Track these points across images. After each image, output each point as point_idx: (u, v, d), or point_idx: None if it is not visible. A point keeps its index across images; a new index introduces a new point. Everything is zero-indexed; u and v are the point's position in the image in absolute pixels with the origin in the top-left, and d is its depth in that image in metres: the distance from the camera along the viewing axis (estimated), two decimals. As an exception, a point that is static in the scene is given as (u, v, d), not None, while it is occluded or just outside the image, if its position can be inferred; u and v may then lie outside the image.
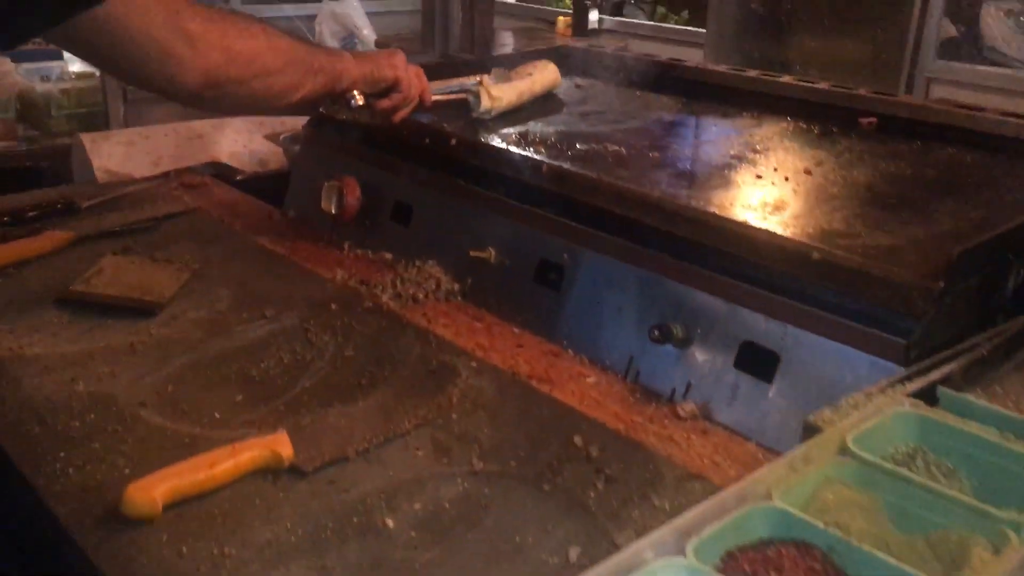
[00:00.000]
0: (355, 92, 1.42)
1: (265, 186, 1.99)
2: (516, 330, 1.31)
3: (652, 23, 6.85)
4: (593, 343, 1.24)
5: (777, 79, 1.75)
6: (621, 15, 7.61)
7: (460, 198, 1.45)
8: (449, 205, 1.46)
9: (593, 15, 6.71)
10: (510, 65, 1.86)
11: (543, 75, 1.78)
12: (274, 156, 2.04)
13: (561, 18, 6.66)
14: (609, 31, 6.73)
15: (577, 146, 1.47)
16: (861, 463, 0.75)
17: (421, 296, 1.39)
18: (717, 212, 1.18)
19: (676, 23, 6.84)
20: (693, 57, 5.59)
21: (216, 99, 1.28)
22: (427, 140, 1.53)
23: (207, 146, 1.99)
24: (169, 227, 1.65)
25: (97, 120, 2.39)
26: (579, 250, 1.28)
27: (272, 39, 1.31)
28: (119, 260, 1.48)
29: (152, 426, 1.07)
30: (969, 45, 4.68)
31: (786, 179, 1.32)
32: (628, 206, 1.24)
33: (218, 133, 2.00)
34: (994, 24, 5.09)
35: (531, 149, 1.45)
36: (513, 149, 1.45)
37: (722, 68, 1.86)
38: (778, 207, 1.22)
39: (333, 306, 1.35)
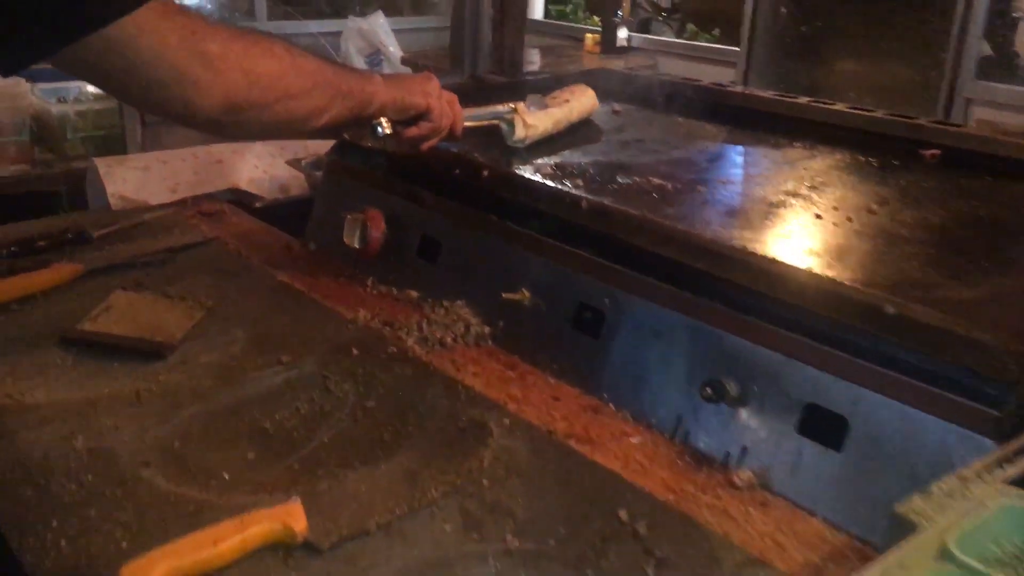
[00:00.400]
0: (382, 119, 1.32)
1: (286, 213, 1.91)
2: (552, 380, 1.21)
3: (682, 41, 6.75)
4: (637, 397, 1.13)
5: (830, 106, 1.65)
6: (648, 31, 7.54)
7: (492, 234, 1.35)
8: (480, 242, 1.36)
9: (622, 33, 6.64)
10: (545, 89, 1.77)
11: (580, 101, 1.69)
12: (295, 182, 1.96)
13: (589, 36, 6.59)
14: (638, 49, 6.65)
15: (618, 179, 1.37)
16: (966, 572, 0.64)
17: (449, 340, 1.29)
18: (776, 258, 1.07)
19: (707, 41, 6.74)
20: (725, 76, 5.52)
21: (236, 124, 1.19)
22: (457, 171, 1.44)
23: (226, 172, 1.90)
24: (184, 259, 1.56)
25: (114, 143, 2.32)
26: (621, 294, 1.17)
27: (297, 59, 1.22)
28: (129, 296, 1.40)
29: (155, 490, 0.97)
30: (1004, 64, 4.56)
31: (848, 219, 1.21)
32: (675, 248, 1.14)
33: (238, 158, 1.92)
34: (1027, 41, 4.96)
35: (568, 182, 1.35)
36: (549, 183, 1.35)
37: (769, 94, 1.76)
38: (843, 252, 1.11)
39: (354, 351, 1.25)
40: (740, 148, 1.58)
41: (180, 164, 1.87)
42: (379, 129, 1.32)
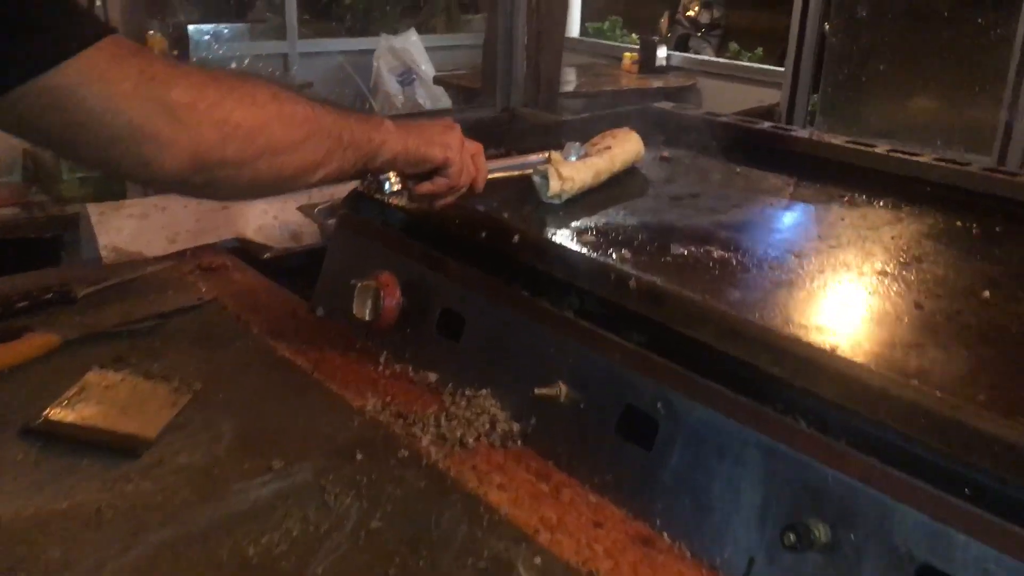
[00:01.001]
0: (391, 174, 1.14)
1: (296, 265, 1.73)
2: (593, 497, 1.01)
3: (724, 60, 6.53)
4: (697, 528, 0.93)
5: (914, 158, 1.43)
6: (687, 49, 7.33)
7: (523, 313, 1.15)
8: (509, 320, 1.17)
9: (661, 51, 6.44)
10: (585, 129, 1.57)
11: (623, 148, 1.49)
12: (309, 228, 1.78)
13: (627, 55, 6.40)
14: (678, 68, 6.45)
15: (672, 249, 1.16)
16: None
17: (471, 440, 1.10)
18: (875, 368, 0.86)
19: (750, 60, 6.51)
20: (770, 97, 5.29)
21: (209, 185, 1.00)
22: (483, 234, 1.24)
23: (232, 218, 1.73)
24: (175, 326, 1.38)
25: (113, 185, 2.15)
26: (679, 398, 0.97)
27: (285, 106, 1.03)
28: (106, 377, 1.22)
29: (100, 658, 0.79)
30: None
31: (958, 312, 0.99)
32: (745, 345, 0.94)
33: (245, 204, 1.74)
34: None
35: (613, 252, 1.15)
36: (590, 253, 1.15)
37: (839, 140, 1.55)
38: (961, 361, 0.90)
39: (359, 455, 1.06)
40: (812, 208, 1.37)
41: (181, 210, 1.70)
42: (387, 184, 1.14)
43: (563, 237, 1.21)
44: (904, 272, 1.10)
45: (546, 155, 1.36)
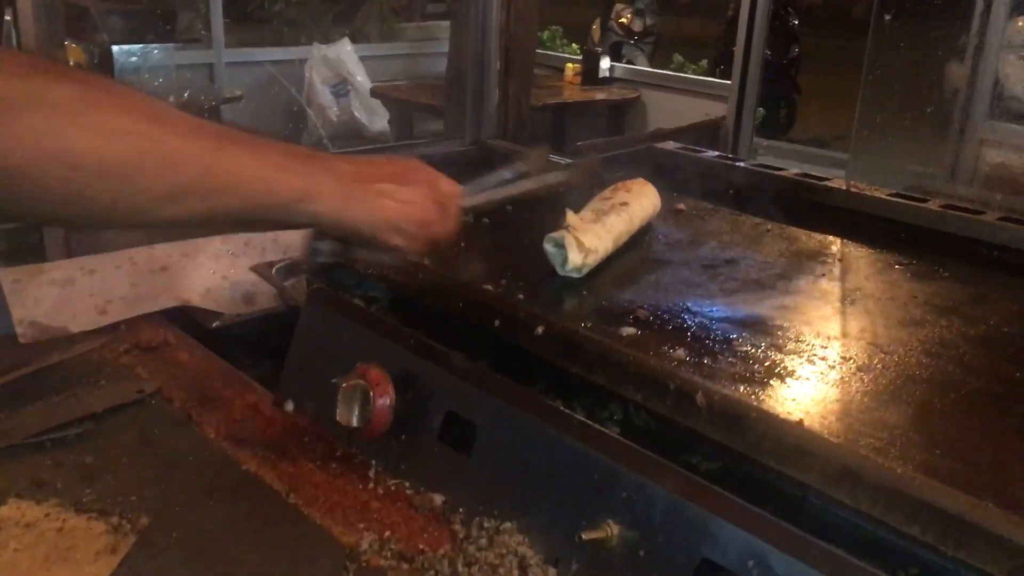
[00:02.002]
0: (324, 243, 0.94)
1: (251, 334, 1.49)
2: (664, 677, 0.80)
3: (668, 72, 6.40)
4: None
5: (976, 217, 1.25)
6: (620, 57, 7.20)
7: (552, 423, 0.94)
8: (534, 431, 0.95)
9: (604, 63, 6.29)
10: (588, 181, 1.36)
11: (640, 204, 1.28)
12: (264, 287, 1.53)
13: (570, 66, 6.22)
14: (621, 80, 6.30)
15: (735, 344, 0.96)
16: None
17: (498, 595, 0.88)
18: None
19: (694, 72, 6.40)
20: (715, 109, 5.19)
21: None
22: (496, 323, 1.02)
23: (174, 281, 1.47)
24: (110, 430, 1.13)
25: (32, 240, 1.84)
26: (778, 556, 0.76)
27: (109, 116, 0.79)
28: (25, 512, 0.97)
29: None
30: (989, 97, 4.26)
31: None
32: (867, 496, 0.74)
33: (189, 263, 1.49)
34: (1014, 73, 4.69)
35: (666, 350, 0.94)
36: (637, 353, 0.94)
37: (883, 194, 1.37)
38: None
39: (360, 626, 0.83)
40: (871, 279, 1.17)
41: (113, 274, 1.44)
42: (317, 254, 0.94)
43: (597, 328, 0.99)
44: (1009, 368, 0.91)
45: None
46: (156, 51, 2.64)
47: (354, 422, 1.04)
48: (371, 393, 1.04)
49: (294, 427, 1.15)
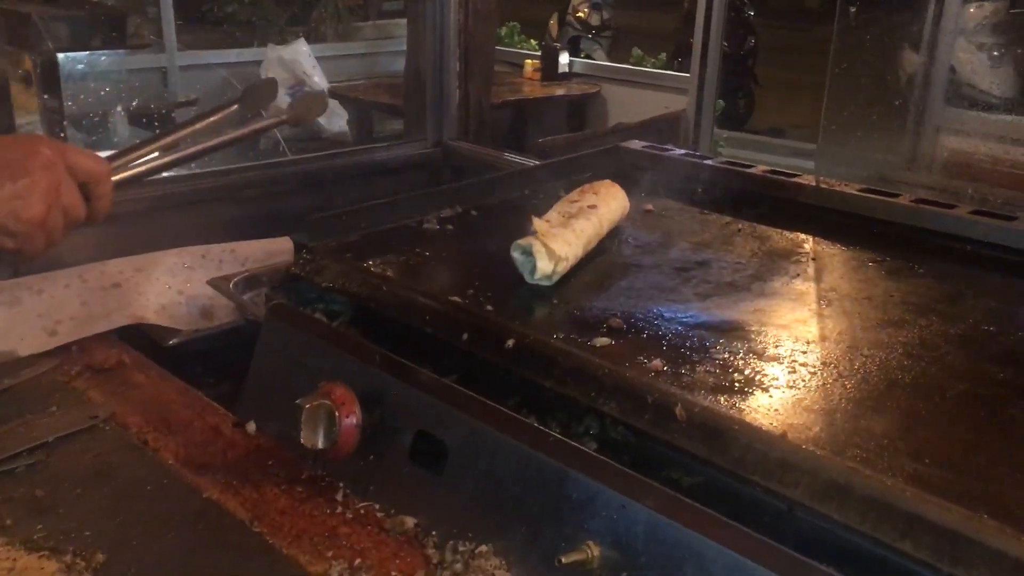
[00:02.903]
0: None
1: (210, 350, 1.44)
2: None
3: (628, 66, 6.39)
4: None
5: (949, 212, 1.23)
6: (578, 51, 7.19)
7: (526, 441, 0.90)
8: (508, 450, 0.91)
9: (563, 58, 6.27)
10: (553, 180, 1.32)
11: (609, 206, 1.25)
12: (222, 301, 1.48)
13: (529, 62, 6.19)
14: (581, 75, 6.28)
15: (711, 351, 0.93)
16: None
17: (476, 623, 0.84)
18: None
19: (653, 66, 6.39)
20: (675, 103, 5.19)
21: None
22: (465, 336, 0.98)
23: (127, 298, 1.41)
24: (61, 462, 1.07)
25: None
26: (758, 571, 0.73)
27: None
28: (-29, 554, 0.91)
29: None
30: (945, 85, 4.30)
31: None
32: (858, 510, 0.71)
33: (142, 278, 1.43)
34: (966, 59, 4.74)
35: (642, 359, 0.91)
36: (612, 365, 0.90)
37: (855, 189, 1.34)
38: None
39: (332, 664, 0.79)
40: (846, 277, 1.15)
41: (62, 292, 1.38)
42: None
43: (570, 339, 0.96)
44: (1009, 374, 0.89)
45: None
46: (104, 57, 2.57)
47: (319, 444, 1.00)
48: (336, 413, 1.00)
49: (257, 449, 1.10)
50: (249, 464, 1.08)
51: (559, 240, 1.10)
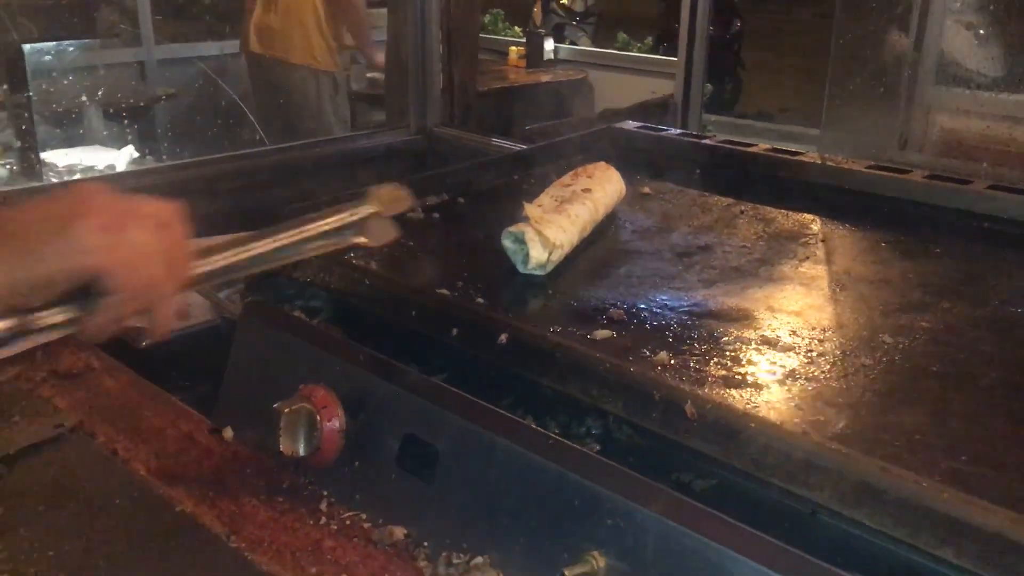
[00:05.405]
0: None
1: (185, 349, 1.36)
2: None
3: (614, 51, 6.31)
4: None
5: (963, 186, 1.17)
6: (563, 39, 7.10)
7: (524, 444, 0.83)
8: (503, 453, 0.84)
9: (548, 44, 6.19)
10: (543, 164, 1.25)
11: (604, 190, 1.18)
12: (197, 300, 1.40)
13: (513, 49, 6.10)
14: (566, 61, 6.20)
15: (721, 341, 0.86)
16: None
17: (475, 641, 0.77)
18: None
19: (639, 51, 6.31)
20: (662, 87, 5.12)
21: None
22: (454, 331, 0.91)
23: (96, 298, 1.33)
24: (25, 477, 1.00)
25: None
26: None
27: None
28: (-77, 581, 0.84)
29: None
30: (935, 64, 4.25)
31: None
32: (885, 516, 0.65)
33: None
34: (955, 39, 4.69)
35: (646, 353, 0.84)
36: (615, 359, 0.83)
37: (861, 166, 1.28)
38: None
39: None
40: (858, 259, 1.08)
41: (26, 293, 1.30)
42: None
43: (570, 333, 0.89)
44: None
45: (344, 216, 0.92)
46: (72, 49, 2.47)
47: (300, 451, 0.93)
48: (317, 417, 0.94)
49: (234, 457, 1.03)
50: (226, 474, 1.01)
51: (553, 226, 1.03)
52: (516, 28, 6.89)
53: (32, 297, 0.71)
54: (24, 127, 2.06)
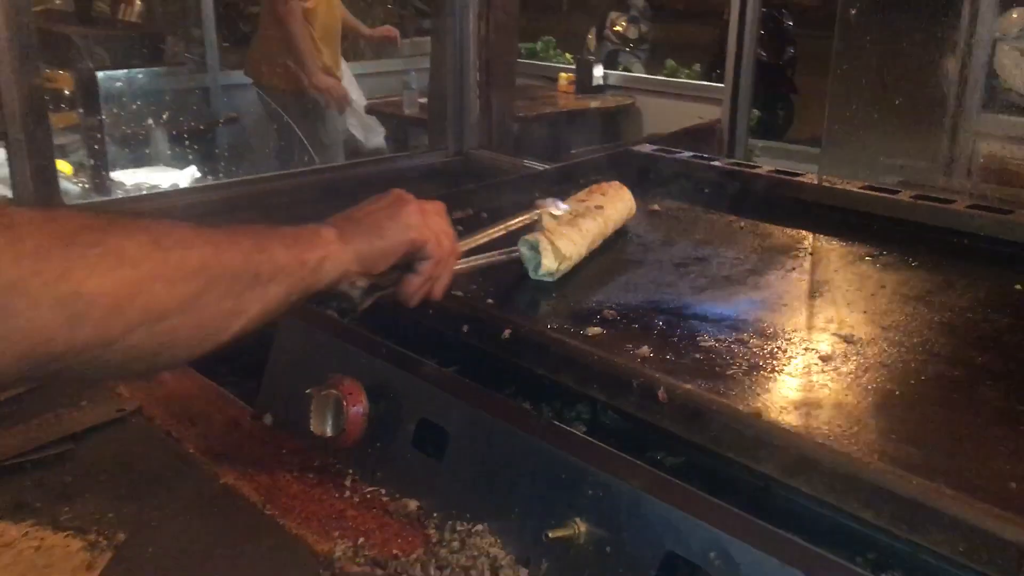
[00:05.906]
0: (356, 283, 0.92)
1: (233, 348, 1.49)
2: (632, 671, 0.80)
3: (661, 78, 6.42)
4: None
5: (948, 206, 1.26)
6: (616, 65, 7.21)
7: (521, 426, 0.94)
8: (504, 435, 0.96)
9: (597, 71, 6.31)
10: (556, 181, 1.37)
11: (615, 207, 1.29)
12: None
13: (563, 75, 6.24)
14: (615, 87, 6.32)
15: (699, 339, 0.97)
16: None
17: (469, 595, 0.88)
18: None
19: (688, 77, 6.41)
20: (710, 112, 5.20)
21: (58, 375, 0.73)
22: (465, 328, 1.03)
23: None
24: (90, 451, 1.14)
25: None
26: (740, 548, 0.77)
27: (171, 254, 0.75)
28: (4, 532, 0.97)
29: None
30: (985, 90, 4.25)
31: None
32: (826, 484, 0.74)
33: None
34: (1010, 64, 4.68)
35: (630, 347, 0.95)
36: (602, 353, 0.94)
37: (854, 186, 1.37)
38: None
39: (332, 633, 0.84)
40: (842, 272, 1.18)
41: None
42: (355, 298, 0.92)
43: (565, 330, 1.00)
44: (1003, 363, 0.91)
45: (526, 218, 1.15)
46: (140, 76, 2.66)
47: (328, 431, 1.05)
48: (344, 402, 1.05)
49: (273, 440, 1.16)
50: (264, 453, 1.13)
51: (565, 239, 1.14)
52: (567, 55, 7.03)
53: (379, 263, 0.96)
54: (96, 147, 2.24)
